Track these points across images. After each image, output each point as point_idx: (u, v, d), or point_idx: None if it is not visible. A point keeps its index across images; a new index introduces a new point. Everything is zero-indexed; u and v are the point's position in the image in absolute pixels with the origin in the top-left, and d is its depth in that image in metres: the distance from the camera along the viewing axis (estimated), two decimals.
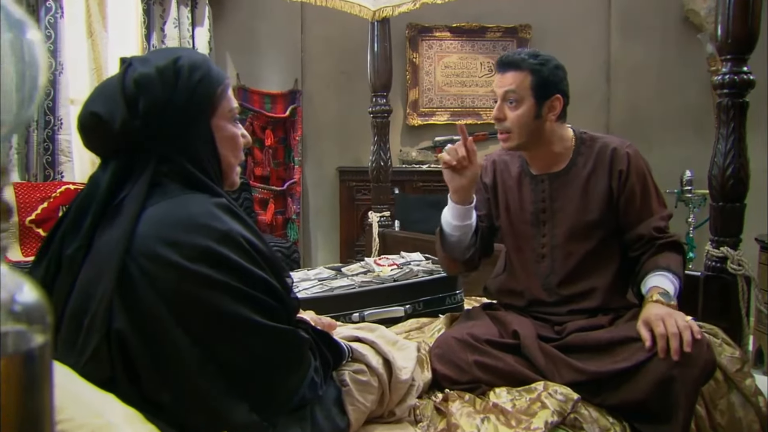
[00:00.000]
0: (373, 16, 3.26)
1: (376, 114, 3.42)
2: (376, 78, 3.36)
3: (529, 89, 1.81)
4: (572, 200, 1.89)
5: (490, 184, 2.04)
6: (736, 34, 1.99)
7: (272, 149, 4.87)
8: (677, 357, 1.52)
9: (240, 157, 1.27)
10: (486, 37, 5.19)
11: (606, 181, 1.87)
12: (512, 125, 1.83)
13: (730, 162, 2.04)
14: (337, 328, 1.63)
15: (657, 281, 1.74)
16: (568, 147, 1.92)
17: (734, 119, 2.04)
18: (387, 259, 2.51)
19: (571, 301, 1.88)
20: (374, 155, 3.46)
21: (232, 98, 1.24)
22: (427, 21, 5.10)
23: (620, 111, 5.21)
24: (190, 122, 1.15)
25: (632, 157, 1.87)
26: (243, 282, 1.07)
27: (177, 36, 4.24)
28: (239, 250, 1.07)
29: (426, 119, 5.21)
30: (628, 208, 1.86)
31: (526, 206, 1.95)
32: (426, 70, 5.19)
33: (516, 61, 1.82)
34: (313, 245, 5.26)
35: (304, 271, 2.52)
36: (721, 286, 2.06)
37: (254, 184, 4.75)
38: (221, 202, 1.12)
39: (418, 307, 2.24)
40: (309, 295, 2.17)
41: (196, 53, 1.22)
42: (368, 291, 2.21)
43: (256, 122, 4.78)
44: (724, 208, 2.07)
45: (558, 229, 1.90)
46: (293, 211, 4.94)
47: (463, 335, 1.77)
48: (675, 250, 1.83)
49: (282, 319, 1.14)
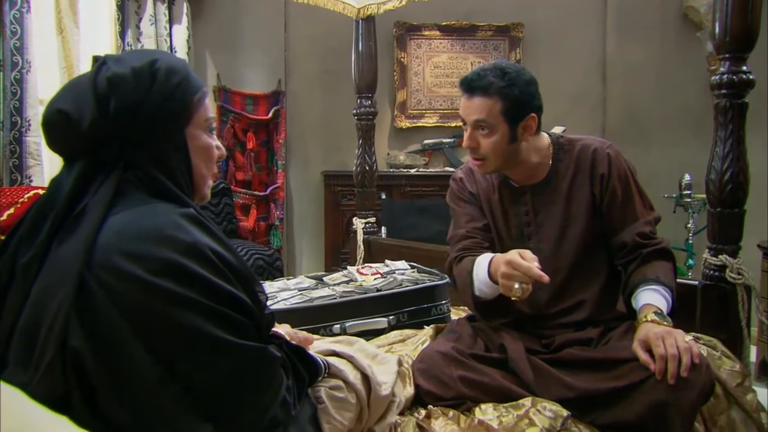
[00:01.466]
0: (358, 13, 3.26)
1: (361, 116, 3.41)
2: (361, 79, 3.36)
3: (500, 115, 1.77)
4: (556, 211, 1.88)
5: (476, 192, 2.01)
6: (735, 32, 1.98)
7: (254, 153, 4.85)
8: (673, 381, 1.50)
9: (213, 170, 1.25)
10: (477, 36, 5.19)
11: (588, 187, 1.85)
12: (486, 153, 1.81)
13: (728, 166, 2.03)
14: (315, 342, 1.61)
15: (649, 297, 1.72)
16: (545, 155, 1.90)
17: (733, 121, 2.03)
18: (370, 268, 2.49)
19: (558, 315, 1.87)
20: (359, 159, 3.45)
21: (209, 107, 1.23)
22: (415, 19, 5.10)
23: (617, 112, 5.22)
24: (163, 128, 1.13)
25: (613, 159, 1.85)
26: (209, 297, 1.04)
27: (153, 33, 4.20)
28: (206, 263, 1.05)
29: (414, 121, 5.20)
30: (611, 212, 1.84)
31: (511, 220, 1.94)
32: (414, 71, 5.19)
33: (483, 86, 1.77)
34: (297, 252, 5.24)
35: (284, 280, 2.50)
36: (720, 295, 2.05)
37: (236, 189, 4.73)
38: (188, 212, 1.09)
39: (402, 318, 2.23)
40: (288, 305, 2.15)
41: (174, 57, 1.21)
42: (350, 302, 2.19)
43: (237, 125, 4.76)
44: (723, 215, 2.06)
45: (544, 243, 1.88)
46: (276, 217, 4.92)
47: (447, 349, 1.76)
48: (663, 258, 1.81)
49: (252, 336, 1.11)
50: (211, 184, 1.26)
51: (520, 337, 1.82)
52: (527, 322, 1.89)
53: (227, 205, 4.48)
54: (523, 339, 1.82)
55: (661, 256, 1.82)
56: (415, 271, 2.51)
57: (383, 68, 4.86)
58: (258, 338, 1.14)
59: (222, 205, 4.43)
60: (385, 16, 3.47)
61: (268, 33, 4.95)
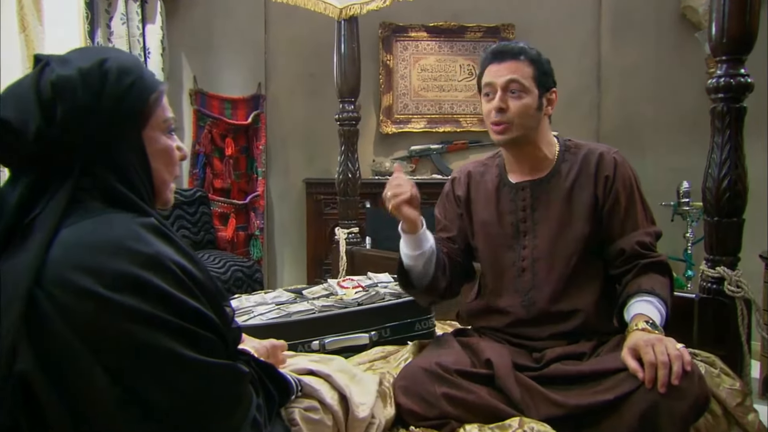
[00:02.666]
0: (340, 14, 3.25)
1: (344, 121, 3.40)
2: (343, 82, 3.35)
3: (532, 79, 1.87)
4: (554, 209, 1.91)
5: (463, 197, 2.06)
6: (732, 33, 1.98)
7: (233, 159, 4.83)
8: (664, 390, 1.50)
9: (175, 173, 1.23)
10: (465, 37, 5.19)
11: (591, 188, 1.89)
12: (515, 116, 1.87)
13: (726, 173, 2.03)
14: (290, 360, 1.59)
15: (641, 308, 1.72)
16: (552, 153, 1.96)
17: (730, 126, 2.03)
18: (351, 281, 2.48)
19: (552, 321, 1.87)
20: (341, 166, 3.44)
21: (167, 107, 1.20)
22: (401, 20, 5.10)
23: (611, 117, 5.23)
24: (118, 133, 1.10)
25: (619, 164, 1.90)
26: (171, 312, 1.02)
27: (125, 33, 4.16)
28: (168, 276, 1.03)
29: (401, 127, 5.19)
30: (612, 217, 1.87)
31: (505, 216, 1.97)
32: (401, 74, 5.18)
33: (514, 51, 1.89)
34: (279, 264, 5.21)
35: (261, 294, 2.47)
36: (718, 309, 2.05)
37: (213, 197, 4.70)
38: (148, 222, 1.07)
39: (384, 333, 2.21)
40: (264, 321, 2.13)
41: (125, 54, 1.18)
42: (329, 316, 2.18)
43: (215, 130, 4.74)
44: (720, 224, 2.06)
45: (539, 240, 1.91)
46: (256, 226, 4.89)
47: (430, 365, 1.74)
48: (660, 272, 1.82)
49: (218, 352, 1.09)
50: (174, 188, 1.24)
51: (508, 352, 1.82)
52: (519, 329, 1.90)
53: (204, 214, 4.45)
54: (512, 353, 1.82)
55: (658, 270, 1.82)
56: None
57: (368, 71, 4.87)
58: (226, 355, 1.13)
59: (199, 214, 4.40)
60: (369, 16, 3.47)
61: (248, 34, 4.93)
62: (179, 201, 4.29)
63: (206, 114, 4.71)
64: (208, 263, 3.98)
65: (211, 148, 4.73)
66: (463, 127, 5.18)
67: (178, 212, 4.28)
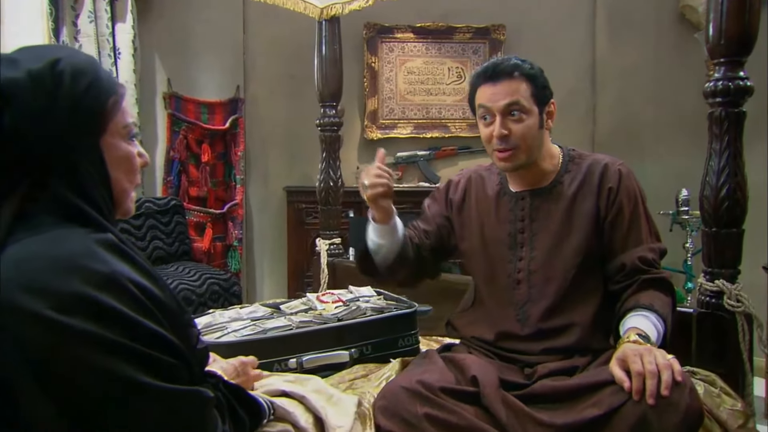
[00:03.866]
0: (321, 14, 3.25)
1: (325, 127, 3.41)
2: (324, 86, 3.35)
3: (531, 97, 1.86)
4: (554, 220, 1.92)
5: (457, 202, 2.09)
6: (731, 34, 1.98)
7: (210, 166, 4.82)
8: (652, 401, 1.49)
9: (136, 181, 1.21)
10: (454, 38, 5.21)
11: (593, 199, 1.90)
12: (519, 140, 1.86)
13: (724, 181, 2.03)
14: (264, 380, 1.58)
15: (636, 322, 1.72)
16: (555, 164, 1.97)
17: (729, 132, 2.03)
18: (331, 295, 2.45)
19: (546, 336, 1.87)
20: (322, 174, 3.45)
21: (128, 112, 1.18)
22: (387, 20, 5.12)
23: (608, 121, 5.26)
24: (73, 140, 1.07)
25: (624, 176, 1.90)
26: (129, 336, 1.00)
27: (93, 32, 4.12)
28: (125, 296, 1.01)
29: (386, 132, 5.20)
30: (614, 231, 1.87)
31: (503, 225, 1.98)
32: (386, 76, 5.20)
33: (508, 68, 1.86)
34: (258, 276, 5.20)
35: (236, 309, 2.45)
36: (717, 325, 2.04)
37: (189, 206, 4.69)
38: (105, 238, 1.05)
39: (365, 350, 2.20)
40: (238, 337, 2.11)
41: (80, 54, 1.15)
42: (307, 333, 2.15)
43: (190, 135, 4.73)
44: (719, 235, 2.06)
45: (537, 252, 1.92)
46: (234, 237, 4.89)
47: (412, 383, 1.72)
48: (662, 289, 1.82)
49: (180, 377, 1.07)
50: (135, 197, 1.22)
51: (495, 368, 1.81)
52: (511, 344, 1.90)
53: (179, 224, 4.43)
54: (501, 369, 1.81)
55: (660, 286, 1.82)
56: (382, 298, 2.48)
57: (352, 74, 4.88)
58: (189, 379, 1.11)
59: (173, 224, 4.38)
60: (353, 16, 3.47)
61: (225, 34, 4.93)
62: (152, 210, 4.28)
63: (181, 118, 4.70)
64: (183, 276, 3.97)
65: (186, 155, 4.72)
66: (451, 133, 5.19)
67: (150, 222, 4.26)
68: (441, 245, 2.11)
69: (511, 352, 1.91)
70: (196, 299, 3.83)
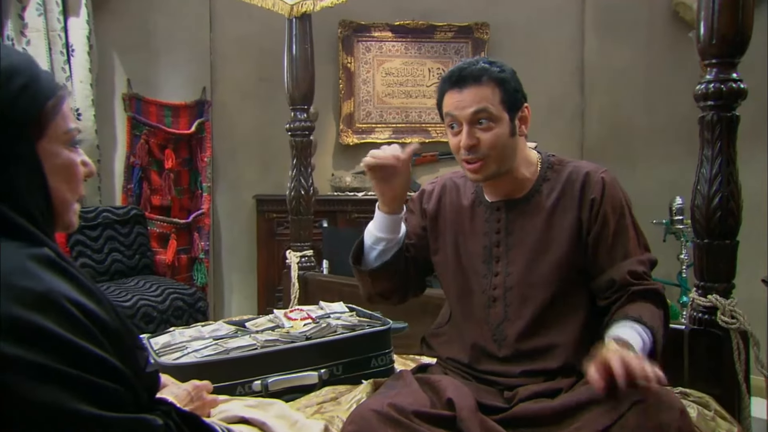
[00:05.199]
0: (291, 11, 3.23)
1: (295, 131, 3.39)
2: (295, 87, 3.34)
3: (500, 104, 1.82)
4: (532, 233, 1.89)
5: (431, 211, 2.06)
6: (723, 33, 1.98)
7: (174, 173, 4.80)
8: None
9: (79, 192, 1.18)
10: (435, 37, 5.22)
11: (575, 211, 1.86)
12: (489, 150, 1.82)
13: (716, 190, 2.02)
14: (222, 405, 1.56)
15: (620, 332, 1.69)
16: (533, 172, 1.93)
17: (721, 137, 2.02)
18: (300, 312, 2.44)
19: (526, 358, 1.85)
20: (293, 182, 3.43)
21: (69, 116, 1.15)
22: (363, 18, 5.13)
23: (597, 125, 5.29)
24: (6, 146, 1.05)
25: (608, 185, 1.86)
26: (66, 361, 0.97)
27: (43, 26, 4.05)
28: (62, 317, 0.98)
29: (363, 137, 5.20)
30: (599, 246, 1.84)
31: (478, 238, 1.95)
32: (363, 78, 5.19)
33: (475, 73, 1.82)
34: (226, 291, 5.18)
35: (198, 327, 2.42)
36: (711, 343, 2.03)
37: (151, 216, 4.66)
38: (40, 253, 1.02)
39: (336, 371, 2.19)
40: (198, 358, 2.08)
41: (16, 53, 1.12)
42: (273, 352, 2.14)
43: (153, 140, 4.70)
44: (711, 247, 2.05)
45: (513, 267, 1.89)
46: (200, 248, 4.86)
47: (383, 406, 1.70)
48: (653, 300, 1.79)
49: (125, 405, 1.04)
50: (78, 209, 1.19)
51: (473, 391, 1.79)
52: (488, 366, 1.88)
53: (140, 235, 4.41)
54: (479, 392, 1.80)
55: (651, 298, 1.79)
56: (354, 314, 2.47)
57: (327, 75, 4.89)
58: (135, 407, 1.08)
59: (134, 234, 4.36)
60: (327, 14, 3.46)
61: (191, 32, 4.92)
62: (110, 220, 4.24)
63: (142, 122, 4.67)
64: (144, 291, 3.93)
65: (148, 161, 4.69)
66: (432, 138, 5.20)
67: (109, 233, 4.23)
68: (424, 259, 2.07)
69: (489, 375, 1.88)
70: (158, 316, 3.79)
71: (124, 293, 3.84)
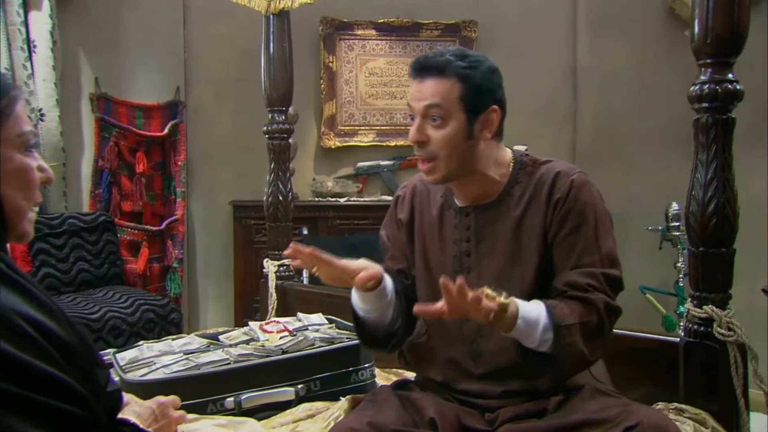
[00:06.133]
0: (268, 7, 3.21)
1: (273, 134, 3.38)
2: (272, 88, 3.32)
3: (457, 101, 1.76)
4: (503, 241, 1.84)
5: (406, 220, 2.00)
6: (718, 31, 1.96)
7: (146, 177, 4.79)
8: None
9: (35, 199, 1.17)
10: (421, 36, 5.23)
11: (542, 215, 1.80)
12: (439, 150, 1.77)
13: (712, 196, 2.01)
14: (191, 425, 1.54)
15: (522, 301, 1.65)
16: (504, 174, 1.87)
17: (716, 141, 2.01)
18: (276, 324, 2.43)
19: (505, 376, 1.81)
20: (270, 187, 3.42)
21: (23, 118, 1.14)
22: (346, 15, 5.12)
23: (590, 128, 5.29)
24: None
25: (576, 185, 1.79)
26: (16, 381, 0.95)
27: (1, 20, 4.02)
28: (12, 334, 0.96)
29: (346, 140, 5.19)
30: (555, 251, 1.78)
31: (448, 246, 1.91)
32: (345, 78, 5.19)
33: (439, 64, 1.77)
34: (201, 301, 5.16)
35: (168, 341, 2.41)
36: (707, 356, 2.01)
37: (121, 222, 4.64)
38: None
39: (313, 387, 2.18)
40: (167, 374, 2.07)
41: None
42: (247, 367, 2.13)
43: (123, 142, 4.69)
44: (707, 255, 2.04)
45: (485, 279, 1.81)
46: (174, 257, 4.84)
47: (362, 425, 1.70)
48: (586, 307, 1.69)
49: (82, 427, 1.03)
50: (34, 218, 1.18)
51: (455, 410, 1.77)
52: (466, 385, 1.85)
53: (109, 242, 4.39)
54: (460, 413, 1.78)
55: (583, 303, 1.69)
56: (334, 326, 2.45)
57: (307, 75, 4.88)
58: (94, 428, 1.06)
59: (102, 242, 4.34)
60: (308, 11, 3.45)
61: (164, 28, 4.90)
62: (77, 227, 4.22)
63: (112, 123, 4.65)
64: (113, 302, 3.91)
65: (118, 164, 4.67)
66: None
67: (75, 241, 4.20)
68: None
69: (468, 395, 1.84)
70: (127, 329, 3.76)
71: (92, 305, 3.81)
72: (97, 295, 4.02)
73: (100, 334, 3.62)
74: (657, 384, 1.64)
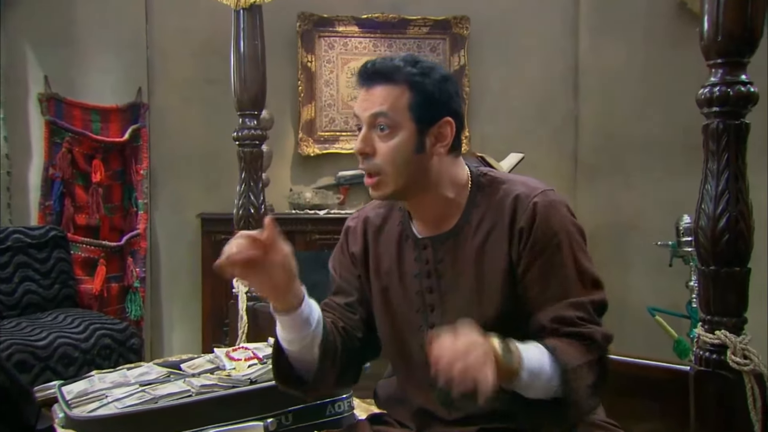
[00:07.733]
0: (237, 1, 3.19)
1: (244, 141, 3.35)
2: (243, 90, 3.30)
3: (406, 110, 1.72)
4: (464, 275, 1.80)
5: (359, 254, 1.94)
6: (730, 28, 1.95)
7: (103, 188, 4.79)
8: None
9: None
10: (408, 33, 5.25)
11: (505, 246, 1.76)
12: (386, 164, 1.72)
13: (723, 209, 1.99)
14: None
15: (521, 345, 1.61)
16: (461, 195, 1.83)
17: (728, 148, 1.99)
18: (245, 350, 2.41)
19: (481, 421, 1.77)
20: (241, 198, 3.41)
21: None
22: (326, 10, 5.15)
23: (592, 134, 5.30)
24: None
25: (540, 210, 1.74)
26: None
27: None
28: None
29: (326, 147, 5.21)
30: (529, 285, 1.74)
31: (408, 284, 1.86)
32: (325, 79, 5.21)
33: (387, 70, 1.73)
34: (166, 325, 5.18)
35: (123, 370, 2.38)
36: (721, 387, 1.99)
37: (74, 237, 4.63)
38: None
39: (284, 420, 2.17)
40: (119, 409, 2.05)
41: None
42: (210, 400, 2.12)
43: (77, 148, 4.68)
44: (719, 275, 2.02)
45: (449, 318, 1.74)
46: (135, 276, 4.84)
47: None
48: (584, 344, 1.68)
49: None
50: None
51: None
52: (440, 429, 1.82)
53: (61, 260, 4.36)
54: None
55: (579, 340, 1.68)
56: None
57: (283, 76, 4.90)
58: None
59: (53, 260, 4.32)
60: (284, 5, 3.45)
61: (123, 23, 4.90)
62: (23, 243, 4.20)
63: (64, 127, 4.64)
64: (63, 327, 3.88)
65: (71, 173, 4.66)
66: None
67: (21, 258, 4.18)
68: (372, 312, 1.94)
69: None
70: (80, 357, 3.73)
71: (38, 330, 3.77)
72: (46, 320, 3.99)
73: (48, 363, 3.58)
74: (665, 418, 1.62)
